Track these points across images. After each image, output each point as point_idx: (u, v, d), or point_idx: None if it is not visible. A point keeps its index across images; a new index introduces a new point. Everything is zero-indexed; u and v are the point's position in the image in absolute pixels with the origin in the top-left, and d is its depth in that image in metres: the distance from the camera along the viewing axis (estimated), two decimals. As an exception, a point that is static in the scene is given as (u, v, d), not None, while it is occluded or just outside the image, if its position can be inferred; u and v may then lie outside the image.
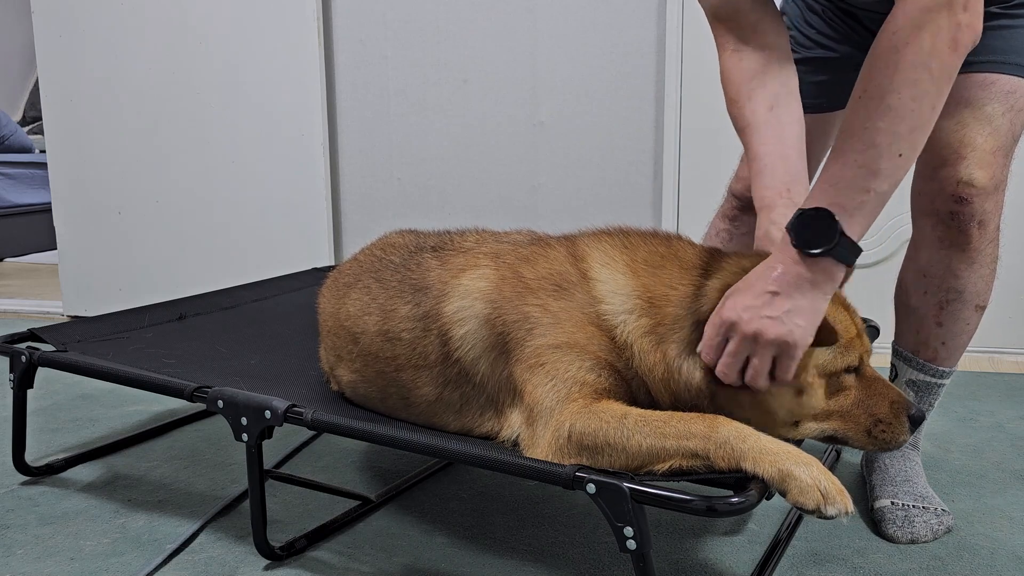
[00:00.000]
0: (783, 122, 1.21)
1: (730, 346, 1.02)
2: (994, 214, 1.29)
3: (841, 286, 1.07)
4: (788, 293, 0.99)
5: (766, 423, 1.05)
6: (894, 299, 1.46)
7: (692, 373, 1.06)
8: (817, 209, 1.00)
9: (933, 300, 1.37)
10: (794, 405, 1.05)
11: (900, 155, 0.98)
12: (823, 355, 1.04)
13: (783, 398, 1.04)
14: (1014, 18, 1.25)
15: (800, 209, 1.01)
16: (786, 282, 1.00)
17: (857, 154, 0.99)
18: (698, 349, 1.05)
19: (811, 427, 1.06)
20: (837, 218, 0.98)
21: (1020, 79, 1.25)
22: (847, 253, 0.99)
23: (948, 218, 1.28)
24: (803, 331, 0.99)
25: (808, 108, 1.50)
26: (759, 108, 1.22)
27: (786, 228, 1.01)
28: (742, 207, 1.58)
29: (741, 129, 1.25)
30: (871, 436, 1.05)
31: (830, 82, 1.49)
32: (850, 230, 0.99)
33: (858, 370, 1.07)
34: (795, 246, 0.99)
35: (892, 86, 0.97)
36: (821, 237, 0.99)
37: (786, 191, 1.19)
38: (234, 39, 2.90)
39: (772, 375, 1.02)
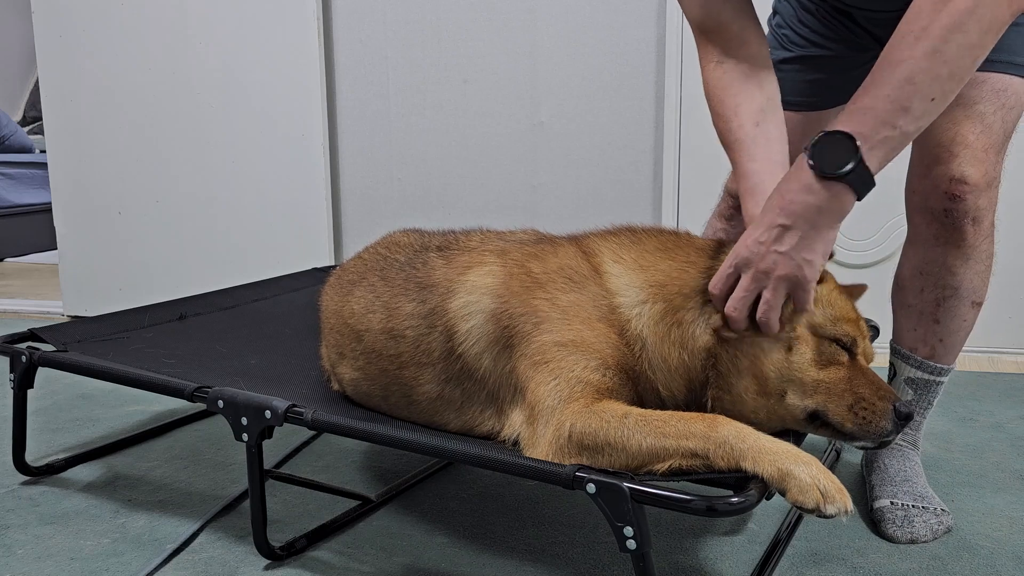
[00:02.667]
0: (770, 137, 1.22)
1: (742, 281, 1.05)
2: (988, 211, 1.30)
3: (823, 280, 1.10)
4: (797, 225, 1.02)
5: (757, 388, 1.07)
6: (891, 298, 1.47)
7: (702, 336, 1.09)
8: (840, 132, 1.00)
9: (930, 297, 1.38)
10: (784, 365, 1.06)
11: (933, 99, 0.98)
12: (815, 313, 1.08)
13: (775, 356, 1.06)
14: None
15: (823, 131, 1.01)
16: (794, 212, 1.02)
17: (891, 88, 0.98)
18: (710, 285, 1.08)
19: (796, 402, 1.07)
20: (859, 144, 0.99)
21: (1011, 77, 1.26)
22: (861, 183, 1.00)
23: (942, 215, 1.30)
24: (812, 264, 1.03)
25: (801, 106, 1.52)
26: (746, 123, 1.22)
27: (804, 149, 1.02)
28: (739, 206, 1.59)
29: (728, 144, 1.25)
30: (852, 411, 1.05)
31: (823, 81, 1.50)
32: (868, 161, 0.99)
33: (852, 353, 1.08)
34: (811, 167, 1.00)
35: (939, 28, 0.95)
36: (840, 160, 0.99)
37: None
38: (234, 39, 2.90)
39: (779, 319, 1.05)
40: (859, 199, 1.02)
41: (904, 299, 1.42)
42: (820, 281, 1.09)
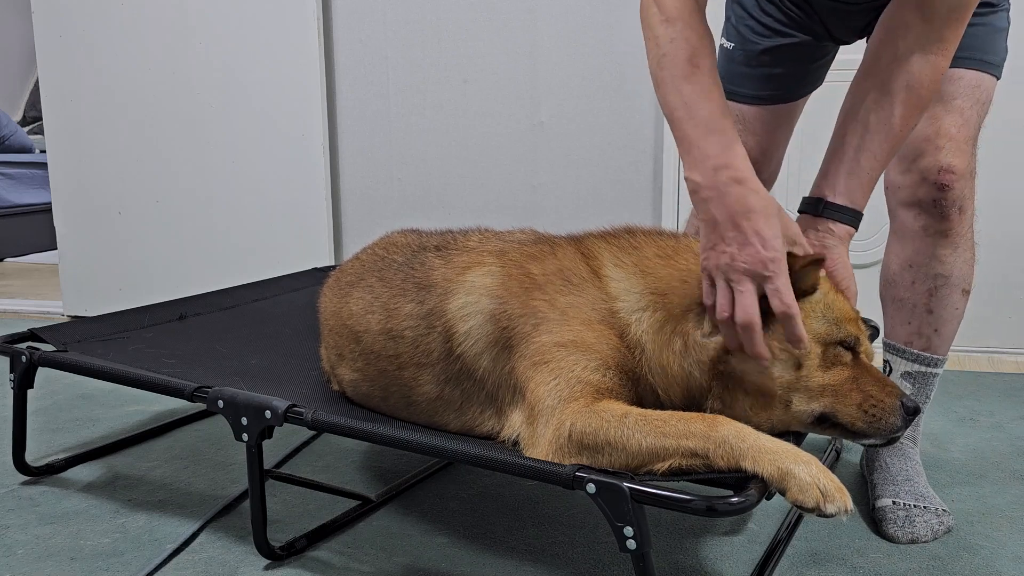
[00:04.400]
0: (717, 82, 1.15)
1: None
2: (970, 199, 1.36)
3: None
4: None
5: (762, 402, 1.06)
6: (880, 295, 1.49)
7: (705, 349, 1.07)
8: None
9: (922, 288, 1.41)
10: (791, 375, 1.05)
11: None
12: (817, 322, 1.06)
13: (782, 366, 1.04)
14: (976, 16, 1.31)
15: None
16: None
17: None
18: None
19: (803, 408, 1.05)
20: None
21: (983, 74, 1.34)
22: None
23: (931, 206, 1.34)
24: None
25: (770, 100, 1.56)
26: (710, 56, 1.13)
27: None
28: None
29: (688, 60, 1.11)
30: (861, 409, 1.04)
31: (788, 75, 1.54)
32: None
33: (855, 353, 1.08)
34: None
35: (908, 129, 1.19)
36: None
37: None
38: (234, 39, 2.90)
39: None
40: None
41: (895, 294, 1.44)
42: (815, 286, 1.08)
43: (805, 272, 1.04)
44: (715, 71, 1.13)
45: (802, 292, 1.05)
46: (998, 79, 1.37)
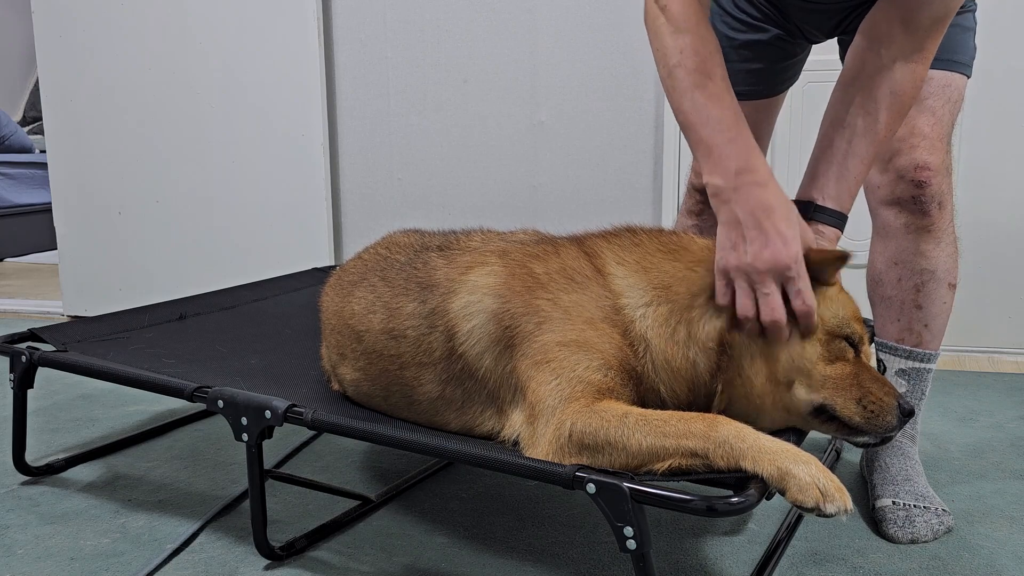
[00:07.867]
0: (729, 86, 1.17)
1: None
2: (948, 195, 1.38)
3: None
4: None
5: (767, 376, 1.08)
6: (868, 295, 1.51)
7: (713, 326, 1.09)
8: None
9: (909, 284, 1.42)
10: (797, 352, 1.06)
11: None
12: (828, 314, 1.08)
13: (789, 352, 1.07)
14: None
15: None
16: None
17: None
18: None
19: (803, 398, 1.07)
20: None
21: (953, 73, 1.37)
22: None
23: (911, 202, 1.37)
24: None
25: (748, 95, 1.57)
26: (719, 60, 1.15)
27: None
28: (706, 200, 1.61)
29: (700, 68, 1.13)
30: (860, 405, 1.06)
31: (764, 70, 1.56)
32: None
33: (857, 351, 1.09)
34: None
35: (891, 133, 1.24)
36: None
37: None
38: (234, 39, 2.91)
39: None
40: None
41: (883, 292, 1.46)
42: (830, 282, 1.11)
43: (831, 266, 1.08)
44: (727, 78, 1.15)
45: (819, 284, 1.09)
46: (968, 77, 1.40)
